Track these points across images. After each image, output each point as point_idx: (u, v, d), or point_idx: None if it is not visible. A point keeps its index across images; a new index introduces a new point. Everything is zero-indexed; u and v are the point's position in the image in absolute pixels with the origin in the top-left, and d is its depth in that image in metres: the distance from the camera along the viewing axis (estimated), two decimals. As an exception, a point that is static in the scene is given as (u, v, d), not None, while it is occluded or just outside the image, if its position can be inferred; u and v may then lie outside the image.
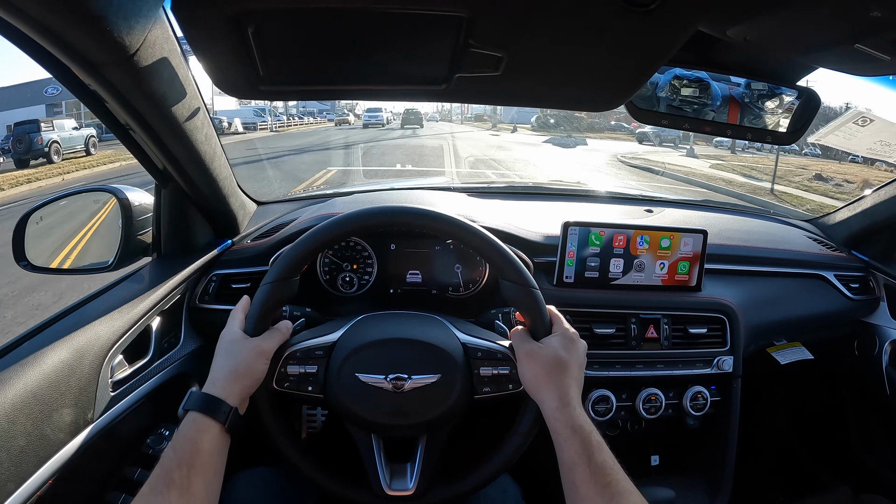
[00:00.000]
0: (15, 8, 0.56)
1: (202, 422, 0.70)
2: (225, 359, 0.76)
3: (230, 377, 0.74)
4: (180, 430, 0.69)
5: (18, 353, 0.78)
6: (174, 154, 0.97)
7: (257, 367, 0.77)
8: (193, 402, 0.71)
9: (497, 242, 0.83)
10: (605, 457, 0.68)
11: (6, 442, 0.67)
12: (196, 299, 1.16)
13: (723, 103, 0.91)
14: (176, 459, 0.65)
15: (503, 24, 0.66)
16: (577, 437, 0.70)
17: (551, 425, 0.74)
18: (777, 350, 1.42)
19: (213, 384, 0.73)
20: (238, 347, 0.77)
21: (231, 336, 0.78)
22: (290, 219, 1.34)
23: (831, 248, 1.56)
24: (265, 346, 0.78)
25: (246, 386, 0.76)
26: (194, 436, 0.69)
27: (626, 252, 1.20)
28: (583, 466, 0.67)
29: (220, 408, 0.71)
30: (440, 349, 0.82)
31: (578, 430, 0.70)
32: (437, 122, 40.74)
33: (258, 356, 0.77)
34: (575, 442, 0.69)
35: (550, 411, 0.74)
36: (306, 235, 0.82)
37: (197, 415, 0.70)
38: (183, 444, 0.67)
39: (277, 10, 0.64)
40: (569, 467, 0.69)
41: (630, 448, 1.30)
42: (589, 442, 0.69)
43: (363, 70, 0.74)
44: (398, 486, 0.81)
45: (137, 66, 0.73)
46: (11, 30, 0.62)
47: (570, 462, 0.69)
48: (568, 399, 0.74)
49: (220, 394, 0.72)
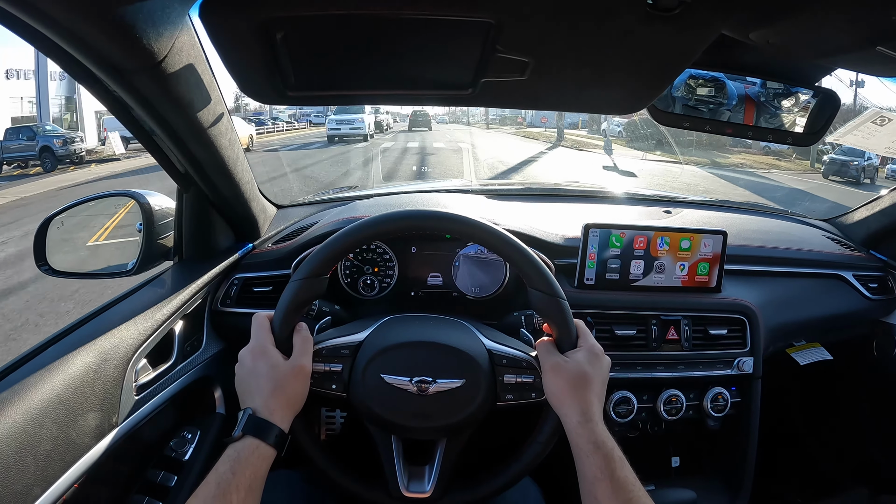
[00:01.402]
0: (45, 16, 0.57)
1: (263, 449, 0.70)
2: (269, 385, 0.76)
3: (285, 407, 0.75)
4: (241, 454, 0.69)
5: (43, 357, 0.79)
6: (198, 159, 0.97)
7: (304, 390, 0.78)
8: (252, 427, 0.72)
9: (526, 250, 0.82)
10: (626, 473, 0.69)
11: (33, 446, 0.68)
12: (218, 303, 1.16)
13: (739, 103, 0.91)
14: (235, 482, 0.66)
15: (530, 29, 0.66)
16: (600, 452, 0.70)
17: (573, 440, 0.74)
18: (796, 351, 1.42)
19: (268, 411, 0.73)
20: (282, 373, 0.77)
21: (270, 359, 0.78)
22: (310, 222, 1.34)
23: (850, 248, 1.54)
24: (306, 366, 0.79)
25: (296, 411, 0.78)
26: (255, 461, 0.69)
27: (646, 253, 1.20)
28: (605, 482, 0.68)
29: (274, 433, 0.72)
30: (466, 354, 0.82)
31: (601, 445, 0.71)
32: (447, 124, 35.76)
33: (304, 378, 0.78)
34: (597, 457, 0.70)
35: (573, 426, 0.74)
36: (337, 235, 0.82)
37: (259, 441, 0.71)
38: (243, 468, 0.68)
39: (306, 16, 0.64)
40: (591, 482, 0.69)
41: (651, 450, 1.30)
42: (611, 458, 0.70)
43: (390, 75, 0.74)
44: (415, 489, 0.81)
45: (165, 73, 0.74)
46: (40, 37, 0.63)
47: (592, 477, 0.69)
48: (590, 414, 0.74)
49: (276, 420, 0.73)
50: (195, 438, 1.03)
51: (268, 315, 0.82)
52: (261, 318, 0.82)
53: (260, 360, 0.77)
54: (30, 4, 0.55)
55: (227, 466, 0.67)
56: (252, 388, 0.76)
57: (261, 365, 0.77)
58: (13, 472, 0.64)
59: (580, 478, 0.71)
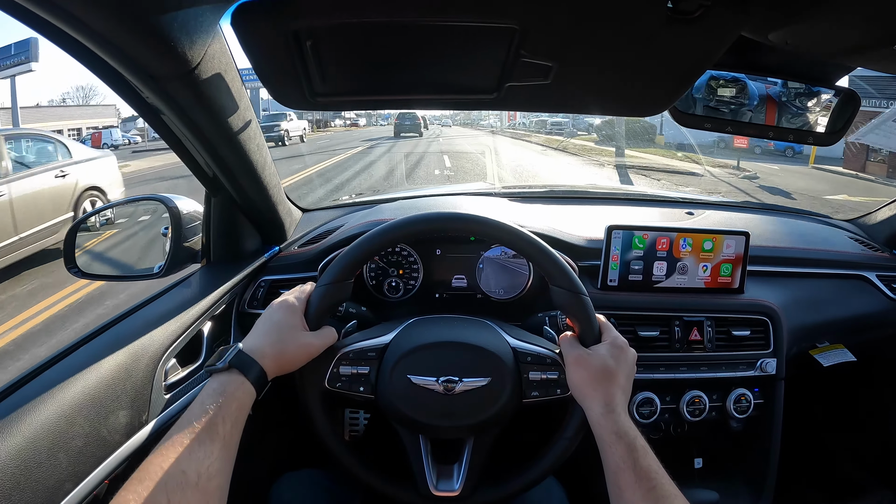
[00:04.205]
0: (83, 24, 0.59)
1: (247, 385, 0.70)
2: (273, 335, 0.76)
3: (276, 357, 0.75)
4: (225, 386, 0.68)
5: (77, 356, 0.80)
6: (227, 163, 0.99)
7: (297, 361, 0.79)
8: (238, 362, 0.71)
9: (547, 247, 0.83)
10: (649, 461, 0.69)
11: (65, 443, 0.69)
12: (245, 305, 1.18)
13: (760, 103, 0.90)
14: (221, 413, 0.65)
15: (554, 35, 0.66)
16: (622, 442, 0.70)
17: (596, 431, 0.74)
18: (819, 352, 1.40)
19: (259, 353, 0.73)
20: (291, 335, 0.78)
21: (289, 319, 0.79)
22: (335, 225, 1.36)
23: (873, 249, 1.52)
24: (314, 346, 0.79)
25: (281, 369, 0.77)
26: (240, 396, 0.69)
27: (669, 255, 1.20)
28: (628, 471, 0.68)
29: (257, 371, 0.72)
30: (491, 353, 0.82)
31: (623, 435, 0.71)
32: (451, 127, 33.01)
33: (305, 354, 0.79)
34: (620, 447, 0.70)
35: (596, 417, 0.75)
36: (362, 239, 0.83)
37: (242, 377, 0.70)
38: (229, 401, 0.67)
39: (335, 25, 0.66)
40: (614, 472, 0.70)
41: (673, 451, 1.29)
42: (633, 447, 0.70)
43: (416, 80, 0.75)
44: (444, 487, 0.82)
45: (197, 80, 0.76)
46: (76, 45, 0.65)
47: (615, 466, 0.70)
48: (613, 405, 0.74)
49: (264, 364, 0.73)
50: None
51: (312, 286, 0.84)
52: (307, 287, 0.84)
53: (281, 312, 0.79)
54: (69, 14, 0.57)
55: (211, 398, 0.66)
56: (258, 329, 0.78)
57: (279, 315, 0.79)
58: (45, 467, 0.65)
59: (605, 468, 0.72)
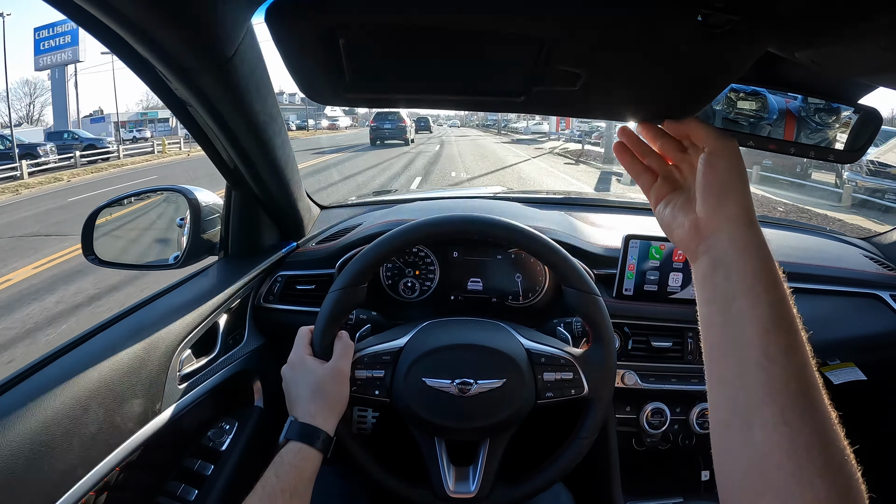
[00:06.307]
0: (121, 15, 0.60)
1: (306, 451, 0.73)
2: (311, 389, 0.79)
3: (326, 410, 0.78)
4: (283, 458, 0.72)
5: (94, 343, 0.81)
6: (251, 158, 1.00)
7: (344, 392, 0.81)
8: (295, 433, 0.75)
9: (561, 250, 0.84)
10: None
11: (79, 428, 0.69)
12: (261, 299, 1.18)
13: (779, 117, 0.90)
14: (279, 485, 0.68)
15: (584, 44, 0.67)
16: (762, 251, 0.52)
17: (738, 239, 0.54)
18: (830, 370, 1.39)
19: (309, 415, 0.76)
20: (321, 378, 0.80)
21: (307, 367, 0.81)
22: (354, 224, 1.36)
23: (888, 268, 1.51)
24: (344, 369, 0.82)
25: (339, 413, 0.80)
26: (299, 464, 0.72)
27: (685, 266, 1.19)
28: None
29: (320, 437, 0.75)
30: (505, 354, 0.83)
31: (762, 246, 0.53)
32: (459, 127, 32.32)
33: (342, 381, 0.81)
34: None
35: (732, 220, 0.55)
36: (377, 242, 0.84)
37: (301, 444, 0.73)
38: (287, 472, 0.70)
39: (370, 23, 0.67)
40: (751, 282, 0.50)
41: (681, 463, 1.29)
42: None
43: (446, 81, 0.76)
44: (460, 489, 0.83)
45: (228, 74, 0.77)
46: (112, 36, 0.66)
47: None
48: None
49: (318, 423, 0.76)
50: (233, 430, 1.05)
51: (310, 329, 0.86)
52: (303, 331, 0.86)
53: (298, 369, 0.82)
54: (109, 6, 0.58)
55: (272, 472, 0.70)
56: (293, 396, 0.80)
57: (299, 374, 0.81)
58: (58, 451, 0.66)
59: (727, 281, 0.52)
